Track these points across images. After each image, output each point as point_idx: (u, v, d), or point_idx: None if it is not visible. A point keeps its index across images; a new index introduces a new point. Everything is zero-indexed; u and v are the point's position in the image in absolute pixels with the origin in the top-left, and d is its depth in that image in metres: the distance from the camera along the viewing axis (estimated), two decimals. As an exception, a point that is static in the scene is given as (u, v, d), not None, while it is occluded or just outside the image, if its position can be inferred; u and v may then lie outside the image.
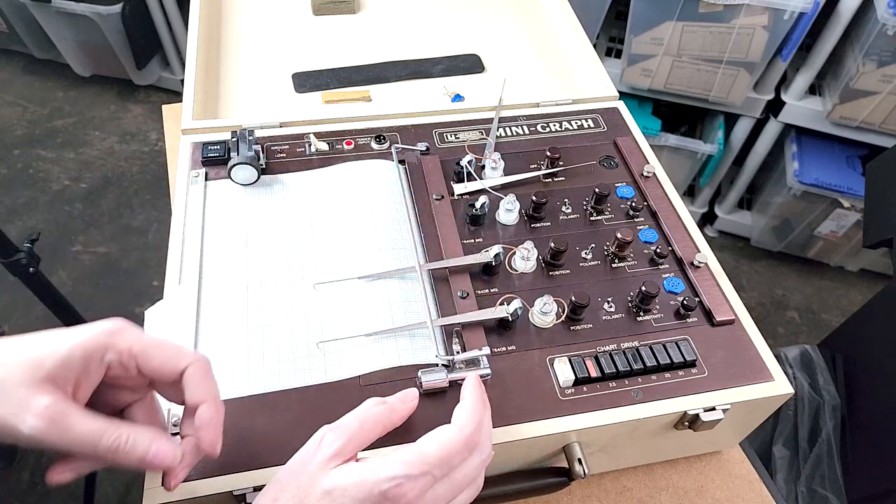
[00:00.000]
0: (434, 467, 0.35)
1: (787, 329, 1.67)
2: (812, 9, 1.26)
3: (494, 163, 0.60)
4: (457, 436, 0.36)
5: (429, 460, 0.35)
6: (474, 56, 0.80)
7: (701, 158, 1.63)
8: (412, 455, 0.35)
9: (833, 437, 0.95)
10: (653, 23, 1.38)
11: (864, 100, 1.36)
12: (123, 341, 0.37)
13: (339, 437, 0.36)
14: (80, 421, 0.34)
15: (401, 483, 0.34)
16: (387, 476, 0.34)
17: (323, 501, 0.34)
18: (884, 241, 0.93)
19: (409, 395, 0.41)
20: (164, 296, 0.51)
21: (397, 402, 0.40)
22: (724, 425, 0.50)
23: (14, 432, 0.32)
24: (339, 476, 0.34)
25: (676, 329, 0.52)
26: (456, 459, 0.36)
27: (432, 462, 0.35)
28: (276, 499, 0.35)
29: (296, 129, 0.64)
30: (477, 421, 0.37)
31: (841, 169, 1.54)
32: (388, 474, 0.34)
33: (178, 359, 0.38)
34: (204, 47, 0.74)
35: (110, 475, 1.32)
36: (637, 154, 0.64)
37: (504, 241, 0.56)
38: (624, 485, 0.57)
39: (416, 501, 0.34)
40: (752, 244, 1.83)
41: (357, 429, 0.37)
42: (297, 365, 0.47)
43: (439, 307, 0.51)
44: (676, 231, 0.58)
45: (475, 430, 0.37)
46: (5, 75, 2.16)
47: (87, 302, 1.58)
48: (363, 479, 0.34)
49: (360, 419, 0.37)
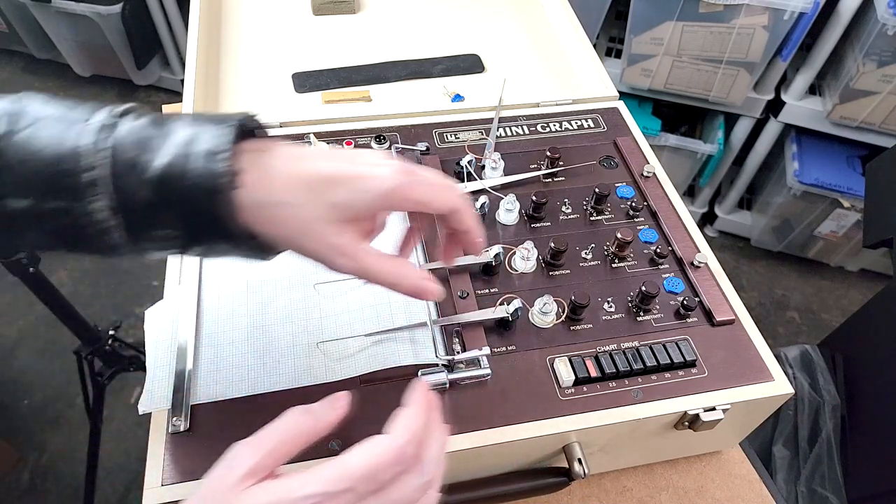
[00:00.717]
0: (358, 482, 0.31)
1: (787, 329, 1.67)
2: (812, 9, 1.26)
3: (494, 163, 0.60)
4: (386, 447, 0.32)
5: (351, 474, 0.31)
6: (474, 56, 0.80)
7: (701, 158, 1.63)
8: (333, 469, 0.31)
9: (833, 437, 0.95)
10: (653, 23, 1.38)
11: (864, 100, 1.36)
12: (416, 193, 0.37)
13: (253, 454, 0.32)
14: (374, 258, 0.37)
15: (319, 501, 0.30)
16: (304, 494, 0.30)
17: None
18: (884, 241, 0.93)
19: (338, 400, 0.36)
20: (164, 296, 0.51)
21: (323, 409, 0.36)
22: (724, 425, 0.50)
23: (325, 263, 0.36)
24: (254, 497, 0.31)
25: (676, 329, 0.52)
26: (385, 475, 0.32)
27: (354, 476, 0.31)
28: None
29: (296, 129, 0.64)
30: (413, 431, 0.33)
31: (841, 169, 1.54)
32: (305, 492, 0.30)
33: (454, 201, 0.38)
34: (204, 47, 0.74)
35: (110, 475, 1.32)
36: (637, 154, 0.64)
37: (504, 241, 0.56)
38: (624, 485, 0.57)
39: None
40: (752, 244, 1.83)
41: (275, 443, 0.33)
42: (297, 365, 0.47)
43: (439, 307, 0.51)
44: (676, 231, 0.58)
45: (408, 441, 0.32)
46: (5, 75, 2.16)
47: (87, 302, 1.59)
48: (278, 499, 0.31)
49: (277, 432, 0.34)
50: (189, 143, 0.33)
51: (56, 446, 1.37)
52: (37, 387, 1.45)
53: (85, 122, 0.34)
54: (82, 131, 0.33)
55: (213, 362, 0.47)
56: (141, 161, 0.33)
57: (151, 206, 0.33)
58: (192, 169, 0.33)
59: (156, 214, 0.34)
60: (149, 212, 0.34)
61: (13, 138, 0.33)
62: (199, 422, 0.45)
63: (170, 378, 0.46)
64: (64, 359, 1.46)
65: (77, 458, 1.34)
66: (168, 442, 0.44)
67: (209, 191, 0.33)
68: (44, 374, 1.47)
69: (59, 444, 1.37)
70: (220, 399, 0.46)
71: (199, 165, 0.33)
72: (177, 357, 0.47)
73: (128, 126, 0.34)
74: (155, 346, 0.48)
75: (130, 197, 0.33)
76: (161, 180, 0.33)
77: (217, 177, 0.33)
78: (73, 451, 1.36)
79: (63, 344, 1.46)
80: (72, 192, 0.33)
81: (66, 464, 1.34)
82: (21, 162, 0.33)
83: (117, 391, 1.42)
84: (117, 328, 1.13)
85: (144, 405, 0.45)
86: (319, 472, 0.31)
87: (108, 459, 1.32)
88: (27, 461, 1.34)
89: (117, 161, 0.33)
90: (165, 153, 0.33)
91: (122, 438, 1.37)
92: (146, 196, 0.33)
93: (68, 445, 1.37)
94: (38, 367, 1.48)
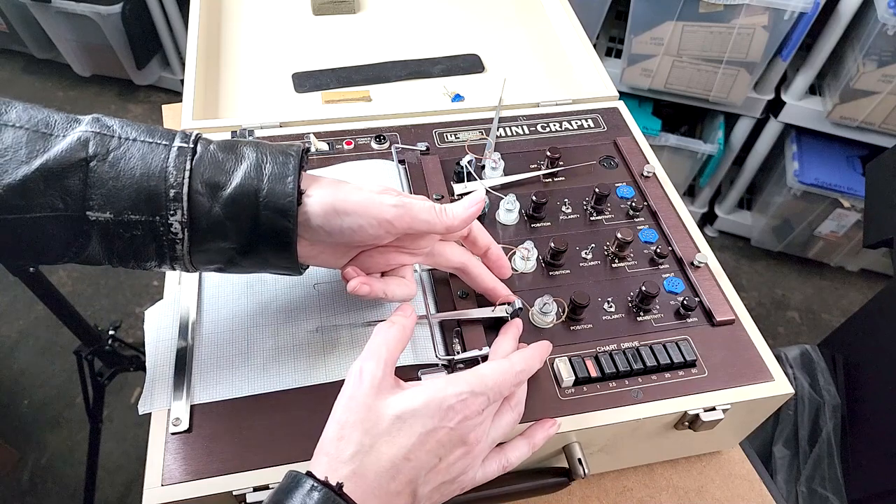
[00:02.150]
0: (490, 389, 0.40)
1: (787, 329, 1.67)
2: (812, 9, 1.26)
3: (494, 163, 0.60)
4: (508, 368, 0.41)
5: (486, 381, 0.40)
6: (474, 56, 0.80)
7: (701, 158, 1.63)
8: (474, 376, 0.40)
9: (833, 437, 0.95)
10: (653, 23, 1.38)
11: (864, 100, 1.36)
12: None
13: (378, 366, 0.39)
14: (419, 206, 0.43)
15: (465, 398, 0.39)
16: (454, 392, 0.39)
17: (395, 426, 0.37)
18: (884, 241, 0.93)
19: (407, 310, 0.44)
20: (164, 296, 0.51)
21: (403, 318, 0.43)
22: (724, 425, 0.50)
23: (379, 217, 0.41)
24: (405, 400, 0.38)
25: (676, 329, 0.52)
26: (506, 390, 0.41)
27: (488, 384, 0.40)
28: (341, 437, 0.37)
29: (296, 129, 0.64)
30: (526, 362, 0.43)
31: (841, 169, 1.54)
32: (455, 391, 0.39)
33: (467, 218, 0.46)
34: (204, 47, 0.74)
35: (110, 475, 1.32)
36: (637, 154, 0.64)
37: (504, 241, 0.56)
38: (624, 485, 0.57)
39: (472, 417, 0.39)
40: (752, 244, 1.83)
41: (387, 353, 0.40)
42: (297, 365, 0.47)
43: (439, 307, 0.51)
44: (676, 231, 0.58)
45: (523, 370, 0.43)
46: (5, 75, 2.16)
47: (87, 302, 1.59)
48: (431, 398, 0.38)
49: (383, 344, 0.41)
50: (258, 167, 0.40)
51: (56, 446, 1.37)
52: (37, 387, 1.45)
53: (166, 145, 0.39)
54: (167, 153, 0.38)
55: (213, 362, 0.47)
56: (216, 181, 0.39)
57: (220, 221, 0.39)
58: (263, 188, 0.39)
59: (220, 229, 0.39)
60: (215, 227, 0.39)
61: (107, 158, 0.37)
62: (199, 422, 0.45)
63: (170, 378, 0.46)
64: (64, 359, 1.47)
65: (77, 458, 1.34)
66: (168, 442, 0.44)
67: (280, 209, 0.39)
68: (44, 374, 1.47)
69: (59, 444, 1.37)
70: (220, 399, 0.46)
71: (270, 186, 0.39)
72: (177, 357, 0.47)
73: (203, 148, 0.39)
74: (155, 346, 0.48)
75: (204, 213, 0.38)
76: (233, 199, 0.39)
77: (286, 196, 0.39)
78: (73, 451, 1.36)
79: (63, 344, 1.47)
80: (155, 207, 0.38)
81: (66, 464, 1.34)
82: (114, 178, 0.37)
83: (117, 391, 1.42)
84: (117, 328, 1.13)
85: (144, 405, 0.45)
86: (462, 377, 0.40)
87: (108, 459, 1.32)
88: (27, 461, 1.34)
89: (195, 180, 0.38)
90: (238, 175, 0.39)
91: (122, 438, 1.37)
92: (217, 212, 0.39)
93: (68, 445, 1.37)
94: (38, 367, 1.48)
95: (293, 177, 0.40)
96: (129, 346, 1.16)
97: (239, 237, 0.40)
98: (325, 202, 0.41)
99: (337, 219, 0.41)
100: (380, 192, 0.42)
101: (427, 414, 0.38)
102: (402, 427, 0.37)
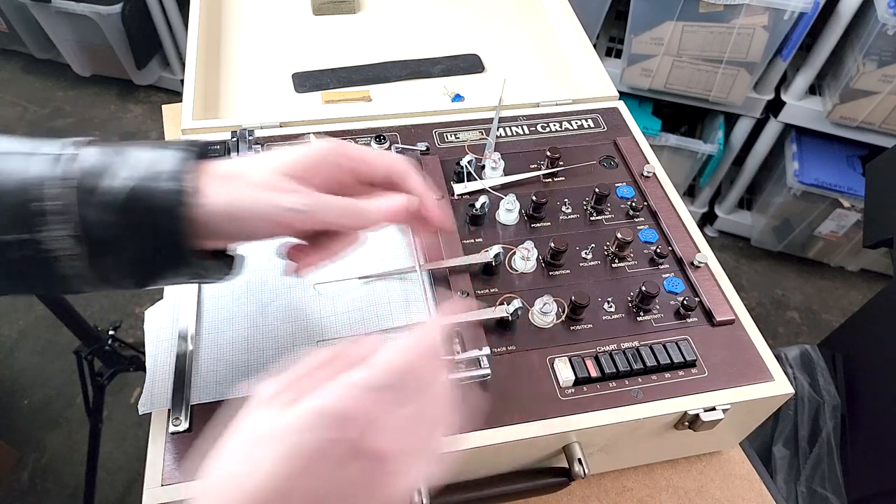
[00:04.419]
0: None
1: (787, 329, 1.67)
2: (812, 9, 1.26)
3: (494, 163, 0.60)
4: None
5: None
6: (474, 56, 0.80)
7: (701, 158, 1.63)
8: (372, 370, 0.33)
9: (833, 437, 0.95)
10: (653, 23, 1.38)
11: (864, 100, 1.36)
12: (351, 149, 0.40)
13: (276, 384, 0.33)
14: (327, 198, 0.37)
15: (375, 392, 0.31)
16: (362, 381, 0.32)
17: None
18: (884, 241, 0.93)
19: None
20: (164, 296, 0.51)
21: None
22: (724, 425, 0.50)
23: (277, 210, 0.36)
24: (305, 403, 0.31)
25: (676, 329, 0.52)
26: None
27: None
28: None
29: (296, 129, 0.64)
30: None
31: (841, 169, 1.55)
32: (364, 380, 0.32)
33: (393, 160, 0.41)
34: (204, 47, 0.74)
35: (110, 475, 1.32)
36: (637, 154, 0.64)
37: (504, 241, 0.56)
38: (624, 485, 0.57)
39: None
40: (752, 244, 1.83)
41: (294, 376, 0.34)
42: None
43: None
44: (676, 231, 0.58)
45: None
46: (5, 75, 2.16)
47: (87, 302, 1.58)
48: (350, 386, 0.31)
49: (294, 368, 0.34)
50: (151, 166, 0.35)
51: (56, 446, 1.37)
52: (37, 387, 1.45)
53: (47, 153, 0.34)
54: (46, 161, 0.34)
55: (213, 362, 0.47)
56: (105, 186, 0.34)
57: (117, 228, 0.34)
58: (157, 188, 0.34)
59: (120, 238, 0.35)
60: (113, 235, 0.34)
61: None
62: (199, 422, 0.45)
63: (170, 378, 0.46)
64: (64, 359, 1.46)
65: (77, 458, 1.34)
66: (168, 442, 0.44)
67: (173, 205, 0.34)
68: (44, 374, 1.47)
69: (59, 444, 1.37)
70: (220, 399, 0.46)
71: (163, 185, 0.34)
72: (177, 357, 0.47)
73: (90, 152, 0.35)
74: (155, 346, 0.48)
75: (96, 223, 0.34)
76: (126, 203, 0.34)
77: (181, 193, 0.34)
78: (73, 451, 1.36)
79: (63, 344, 1.46)
80: (36, 222, 0.33)
81: (66, 464, 1.34)
82: None
83: (117, 391, 1.42)
84: (117, 328, 1.13)
85: (144, 405, 0.45)
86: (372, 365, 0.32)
87: (108, 459, 1.32)
88: (27, 461, 1.34)
89: (83, 188, 0.34)
90: (130, 177, 0.34)
91: (122, 438, 1.37)
92: (112, 220, 0.34)
93: (68, 445, 1.37)
94: (38, 367, 1.48)
95: (188, 174, 0.35)
96: (129, 346, 1.16)
97: (140, 247, 0.35)
98: (217, 206, 0.36)
99: (234, 223, 0.36)
100: (279, 191, 0.36)
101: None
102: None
